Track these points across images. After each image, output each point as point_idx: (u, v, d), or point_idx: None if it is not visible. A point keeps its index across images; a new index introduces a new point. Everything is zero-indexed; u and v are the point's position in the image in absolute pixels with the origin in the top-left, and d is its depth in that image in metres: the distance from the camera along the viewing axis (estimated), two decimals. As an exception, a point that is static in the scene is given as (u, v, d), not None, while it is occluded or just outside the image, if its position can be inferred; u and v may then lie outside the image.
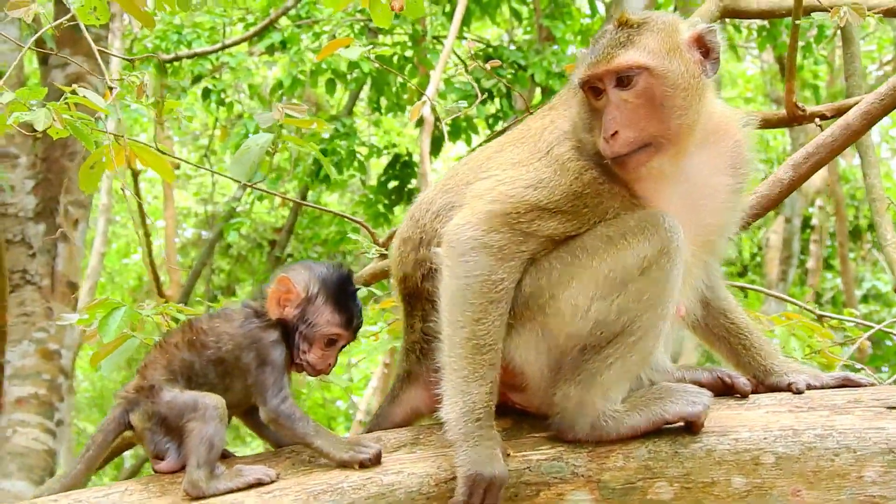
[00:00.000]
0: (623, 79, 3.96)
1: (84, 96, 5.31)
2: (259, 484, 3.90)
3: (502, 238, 3.91)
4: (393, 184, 15.78)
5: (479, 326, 3.86)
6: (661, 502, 3.91)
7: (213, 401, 4.00)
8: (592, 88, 4.04)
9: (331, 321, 4.14)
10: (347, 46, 6.92)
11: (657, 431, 3.96)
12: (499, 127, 13.85)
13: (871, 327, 7.13)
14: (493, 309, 3.88)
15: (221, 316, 4.20)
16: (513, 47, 14.67)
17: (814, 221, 22.95)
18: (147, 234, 17.66)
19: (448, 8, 13.42)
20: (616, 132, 3.94)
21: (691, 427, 3.94)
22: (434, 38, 14.59)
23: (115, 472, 19.49)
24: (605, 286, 3.91)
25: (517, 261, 3.94)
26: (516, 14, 14.93)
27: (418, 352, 4.19)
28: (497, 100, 13.93)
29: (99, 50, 6.70)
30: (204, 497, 3.89)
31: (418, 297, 4.15)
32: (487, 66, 7.41)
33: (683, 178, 4.11)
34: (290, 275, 4.15)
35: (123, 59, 8.73)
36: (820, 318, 7.25)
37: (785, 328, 5.80)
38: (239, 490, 3.89)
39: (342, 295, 4.17)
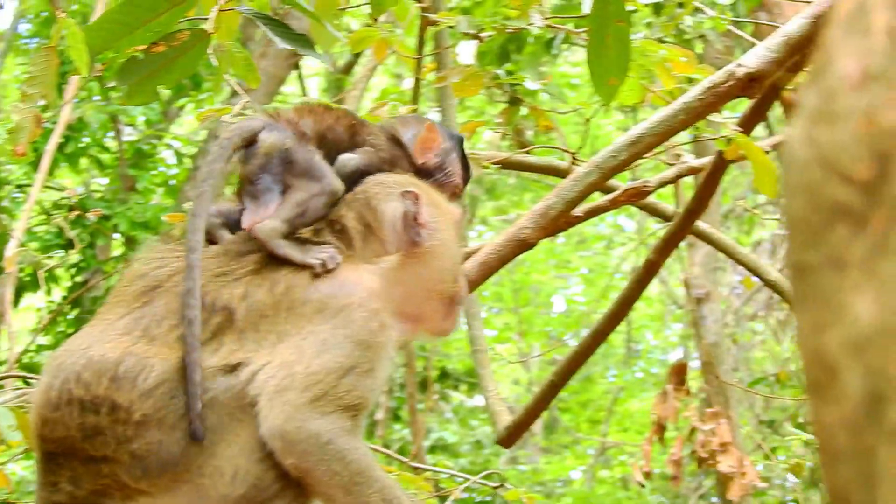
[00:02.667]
0: None
1: None
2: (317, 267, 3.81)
3: (336, 418, 3.72)
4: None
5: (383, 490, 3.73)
6: None
7: (337, 187, 3.97)
8: None
9: (461, 175, 4.31)
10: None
11: None
12: (80, 277, 13.45)
13: (466, 478, 7.26)
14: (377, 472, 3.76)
15: (371, 126, 4.26)
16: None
17: (384, 372, 23.37)
18: None
19: (33, 157, 12.97)
20: None
21: None
22: (18, 186, 14.07)
23: None
24: (263, 447, 3.72)
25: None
26: (99, 163, 14.64)
27: None
28: (81, 249, 13.48)
29: None
30: (265, 246, 3.83)
31: (72, 457, 3.75)
32: (91, 215, 7.18)
33: None
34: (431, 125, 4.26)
35: None
36: (415, 469, 7.31)
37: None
38: (295, 262, 3.82)
39: (465, 155, 4.37)
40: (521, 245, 5.30)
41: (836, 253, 1.15)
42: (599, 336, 6.85)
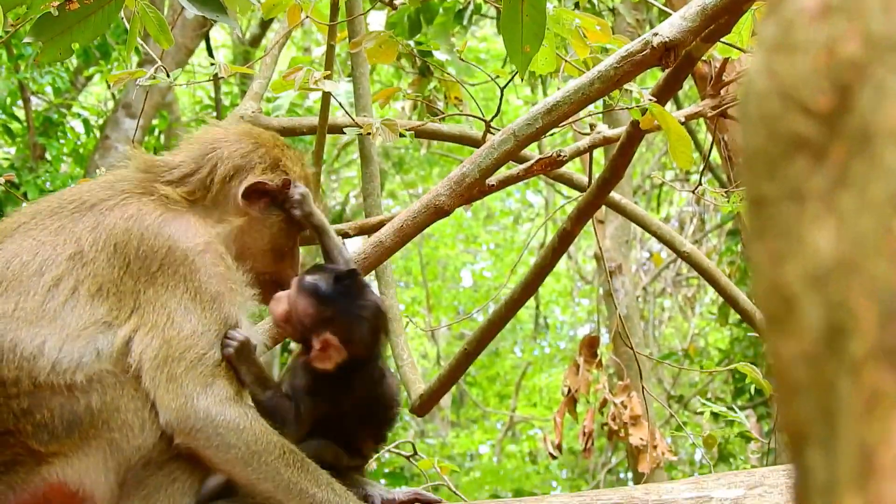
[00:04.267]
0: None
1: None
2: None
3: (218, 387, 3.72)
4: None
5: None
6: None
7: None
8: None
9: None
10: None
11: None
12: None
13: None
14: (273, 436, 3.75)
15: None
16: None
17: (292, 346, 23.33)
18: None
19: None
20: None
21: None
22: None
23: None
24: None
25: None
26: (9, 131, 14.41)
27: None
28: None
29: None
30: None
31: None
32: (1, 179, 7.06)
33: None
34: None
35: None
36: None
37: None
38: None
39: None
40: (437, 212, 5.27)
41: (795, 185, 1.13)
42: (513, 305, 6.85)
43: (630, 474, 17.20)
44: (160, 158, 4.23)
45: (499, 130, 5.38)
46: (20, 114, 15.04)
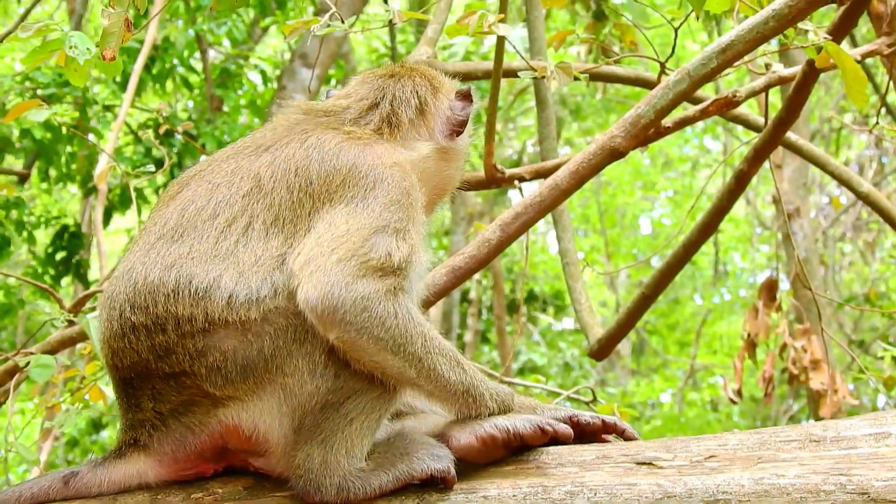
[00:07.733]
0: None
1: None
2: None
3: (368, 282, 3.71)
4: (60, 255, 15.08)
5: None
6: (408, 565, 3.76)
7: None
8: None
9: None
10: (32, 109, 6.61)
11: (405, 489, 3.78)
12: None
13: (558, 393, 7.35)
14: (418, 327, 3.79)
15: None
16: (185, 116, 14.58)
17: (471, 295, 23.65)
18: None
19: (119, 78, 13.12)
20: None
21: (443, 483, 3.79)
22: (105, 107, 14.24)
23: None
24: None
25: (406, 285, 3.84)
26: (187, 83, 14.80)
27: (149, 428, 3.87)
28: (169, 168, 13.66)
29: None
30: None
31: (149, 377, 3.84)
32: (180, 128, 7.33)
33: None
34: None
35: None
36: (509, 385, 7.41)
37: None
38: None
39: None
40: (612, 154, 5.31)
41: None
42: (691, 247, 6.85)
43: (811, 421, 16.98)
44: (329, 102, 4.35)
45: (674, 70, 5.39)
46: (198, 66, 15.45)
